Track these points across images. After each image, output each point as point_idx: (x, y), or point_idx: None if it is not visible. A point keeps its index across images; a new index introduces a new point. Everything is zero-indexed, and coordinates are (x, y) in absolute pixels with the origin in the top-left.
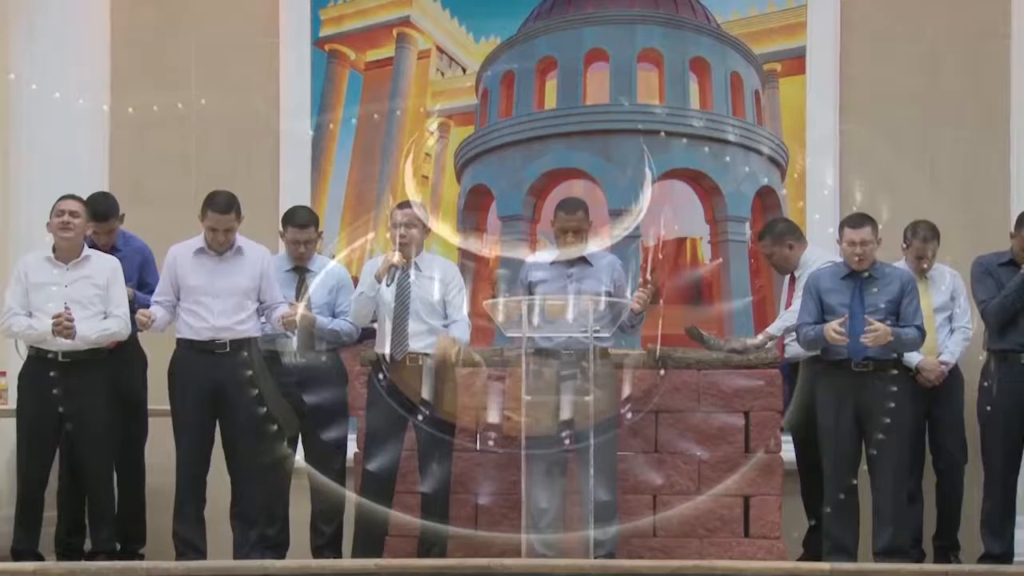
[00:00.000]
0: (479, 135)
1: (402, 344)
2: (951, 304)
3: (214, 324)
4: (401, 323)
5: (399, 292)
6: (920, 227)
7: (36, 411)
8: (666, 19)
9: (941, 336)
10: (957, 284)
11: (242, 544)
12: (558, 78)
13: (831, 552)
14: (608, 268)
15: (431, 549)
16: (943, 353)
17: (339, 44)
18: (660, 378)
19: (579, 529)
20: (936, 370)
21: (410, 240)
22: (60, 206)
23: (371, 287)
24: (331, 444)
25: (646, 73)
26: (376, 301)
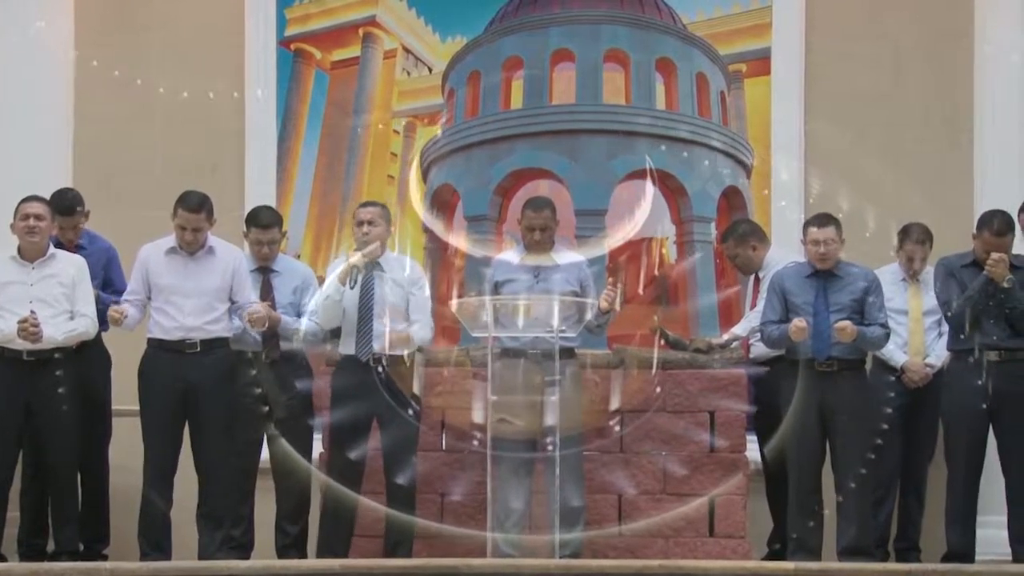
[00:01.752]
0: (445, 135)
1: (365, 345)
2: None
3: (184, 324)
4: (364, 324)
5: (362, 293)
6: (912, 230)
7: (0, 410)
8: (632, 20)
9: (929, 339)
10: None
11: (207, 545)
12: (524, 78)
13: (795, 551)
14: (575, 268)
15: (396, 549)
16: (930, 356)
17: (305, 43)
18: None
19: (545, 529)
20: (921, 372)
21: (372, 238)
22: (25, 209)
23: (336, 291)
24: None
25: (612, 73)
26: (343, 304)
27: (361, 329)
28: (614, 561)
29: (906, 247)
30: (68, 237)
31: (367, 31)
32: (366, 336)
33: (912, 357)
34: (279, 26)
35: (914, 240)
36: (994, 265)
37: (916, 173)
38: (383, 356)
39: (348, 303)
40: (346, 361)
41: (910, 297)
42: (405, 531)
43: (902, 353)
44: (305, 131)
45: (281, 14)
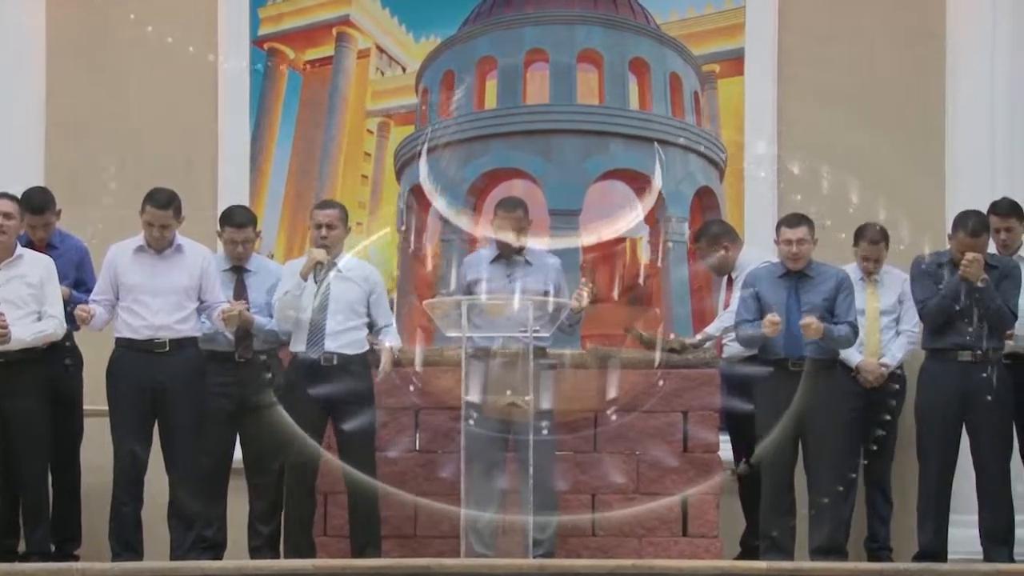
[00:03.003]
0: (419, 134)
1: (318, 343)
2: (898, 307)
3: (153, 323)
4: (319, 322)
5: (318, 292)
6: (868, 230)
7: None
8: (605, 20)
9: (886, 338)
10: (906, 287)
11: (179, 545)
12: (498, 78)
13: (768, 551)
14: (548, 268)
15: (364, 549)
16: (885, 355)
17: (278, 43)
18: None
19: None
20: (875, 371)
21: (332, 241)
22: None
23: (297, 285)
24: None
25: (586, 74)
26: (301, 300)
27: (314, 326)
28: (587, 561)
29: (861, 247)
30: (40, 236)
31: (341, 31)
32: (319, 334)
33: (867, 357)
34: (252, 25)
35: (869, 240)
36: (969, 265)
37: (888, 172)
38: (335, 354)
39: (304, 301)
40: (298, 359)
41: (867, 297)
42: (372, 531)
43: (857, 353)
44: (279, 130)
45: (254, 13)
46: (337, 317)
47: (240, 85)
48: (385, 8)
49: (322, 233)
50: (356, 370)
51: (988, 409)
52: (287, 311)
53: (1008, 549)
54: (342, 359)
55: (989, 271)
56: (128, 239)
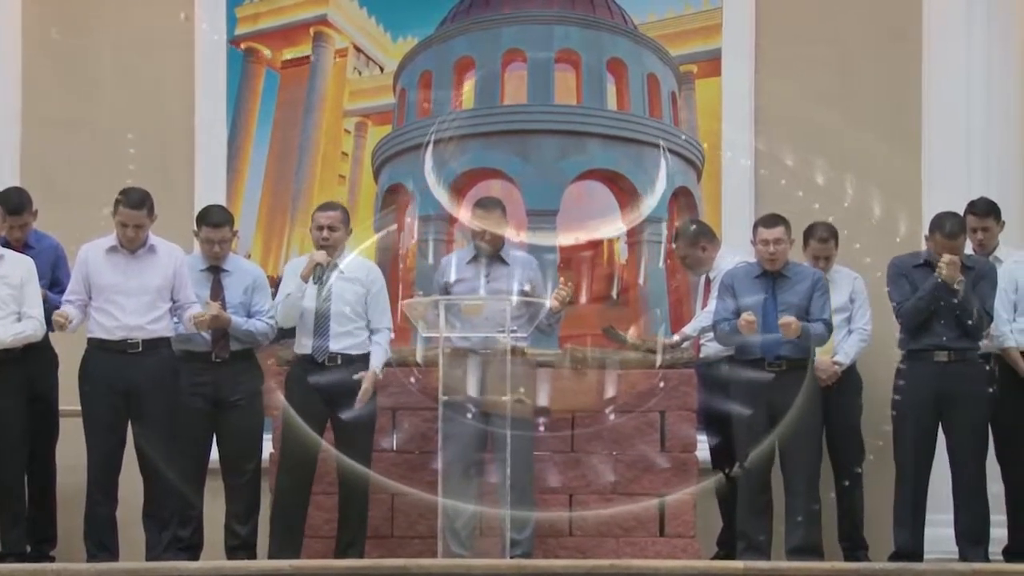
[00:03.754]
0: (397, 134)
1: (323, 346)
2: (850, 306)
3: (126, 323)
4: (323, 325)
5: (321, 294)
6: (817, 228)
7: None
8: (583, 20)
9: (838, 337)
10: (857, 286)
11: (154, 545)
12: (476, 78)
13: (745, 551)
14: (525, 267)
15: (348, 550)
16: (838, 354)
17: (255, 42)
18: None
19: (495, 529)
20: (829, 370)
21: (333, 243)
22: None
23: (298, 288)
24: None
25: (563, 74)
26: (303, 302)
27: (318, 329)
28: (564, 561)
29: (811, 246)
30: (16, 236)
31: (318, 30)
32: (323, 336)
33: (820, 355)
34: (229, 25)
35: (818, 239)
36: (945, 267)
37: (865, 173)
38: (339, 356)
39: (306, 303)
40: (301, 360)
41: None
42: (357, 532)
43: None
44: (255, 130)
45: (231, 13)
46: (340, 318)
47: (217, 84)
48: (362, 8)
49: (323, 235)
50: (360, 369)
51: (964, 409)
52: (290, 313)
53: (983, 549)
54: (346, 359)
55: (965, 272)
56: (100, 239)
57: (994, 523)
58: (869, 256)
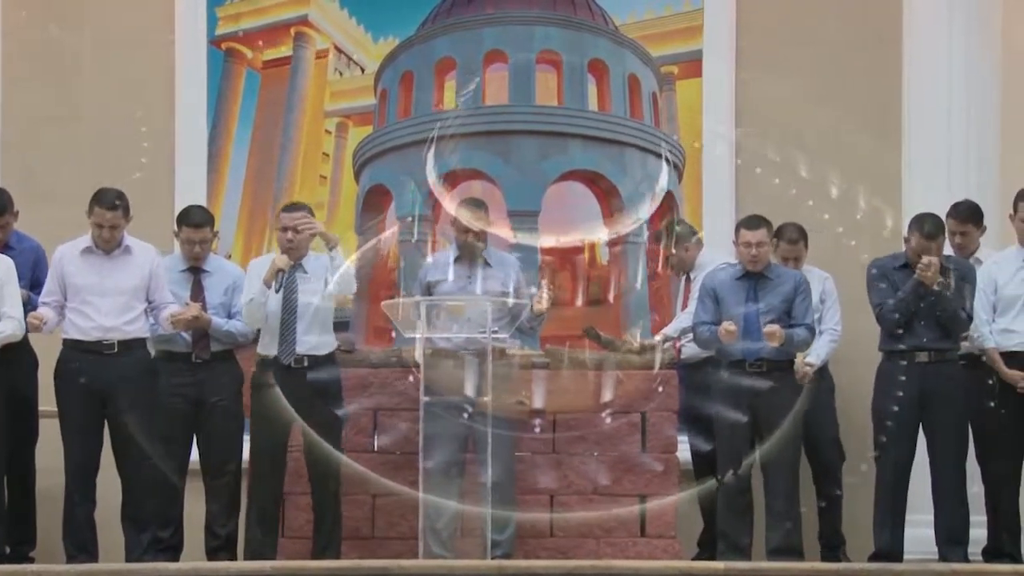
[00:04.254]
0: (378, 135)
1: (290, 348)
2: (820, 306)
3: (102, 324)
4: (289, 327)
5: (286, 295)
6: (786, 229)
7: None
8: (564, 21)
9: None
10: (827, 287)
11: (134, 547)
12: (457, 79)
13: (725, 551)
14: (507, 268)
15: (325, 551)
16: (809, 355)
17: (236, 43)
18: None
19: (476, 530)
20: (802, 370)
21: (298, 244)
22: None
23: (261, 292)
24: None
25: (544, 74)
26: (267, 305)
27: (284, 331)
28: (545, 561)
29: (780, 247)
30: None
31: (299, 31)
32: (290, 338)
33: None
34: (210, 25)
35: (787, 240)
36: (925, 268)
37: (846, 174)
38: (306, 357)
39: (271, 305)
40: (267, 362)
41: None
42: (333, 533)
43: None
44: (236, 130)
45: (212, 13)
46: (305, 320)
47: (197, 85)
48: (343, 9)
49: (288, 236)
50: (327, 370)
51: (944, 410)
52: (254, 317)
53: (963, 549)
54: (312, 361)
55: (944, 273)
56: (75, 239)
57: (974, 523)
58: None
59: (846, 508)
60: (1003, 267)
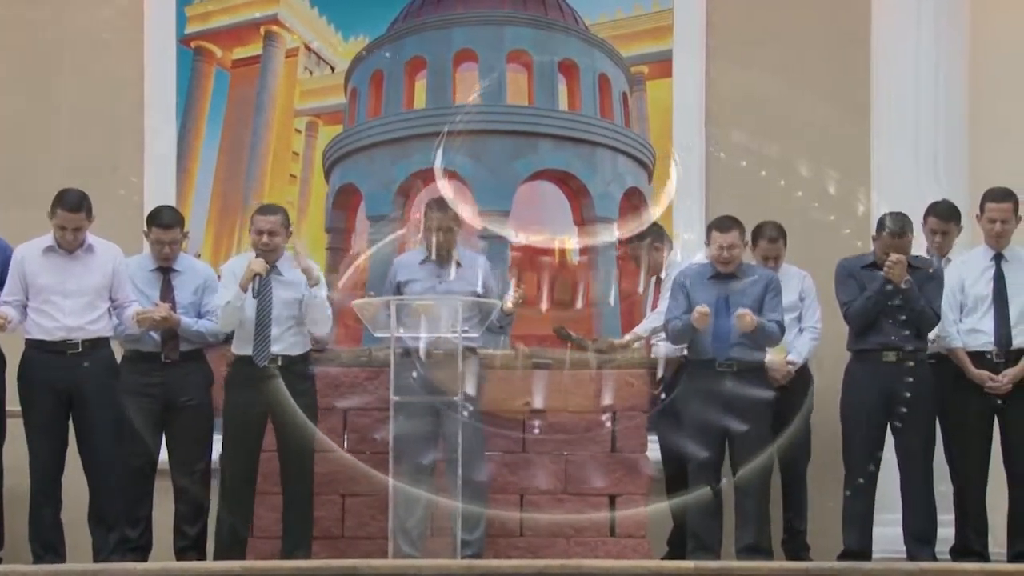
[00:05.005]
0: (348, 134)
1: (264, 349)
2: (800, 304)
3: (66, 324)
4: (263, 328)
5: (261, 297)
6: (766, 228)
7: None
8: (535, 21)
9: (790, 336)
10: (806, 284)
11: (102, 547)
12: (427, 78)
13: (695, 551)
14: (477, 268)
15: (295, 551)
16: (791, 353)
17: (205, 41)
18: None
19: (446, 529)
20: (783, 369)
21: (273, 247)
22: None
23: (237, 296)
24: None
25: (515, 74)
26: (243, 308)
27: (259, 333)
28: (515, 561)
29: (760, 246)
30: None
31: (269, 29)
32: (264, 340)
33: (773, 355)
34: (179, 23)
35: (767, 239)
36: (892, 267)
37: (815, 174)
38: (280, 357)
39: (246, 306)
40: (241, 363)
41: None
42: (304, 533)
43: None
44: (205, 130)
45: (181, 11)
46: (280, 321)
47: (167, 84)
48: (314, 7)
49: (263, 239)
50: (300, 370)
51: (912, 409)
52: (230, 320)
53: (931, 548)
54: (287, 360)
55: (912, 272)
56: (37, 238)
57: (942, 522)
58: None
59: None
60: (970, 267)
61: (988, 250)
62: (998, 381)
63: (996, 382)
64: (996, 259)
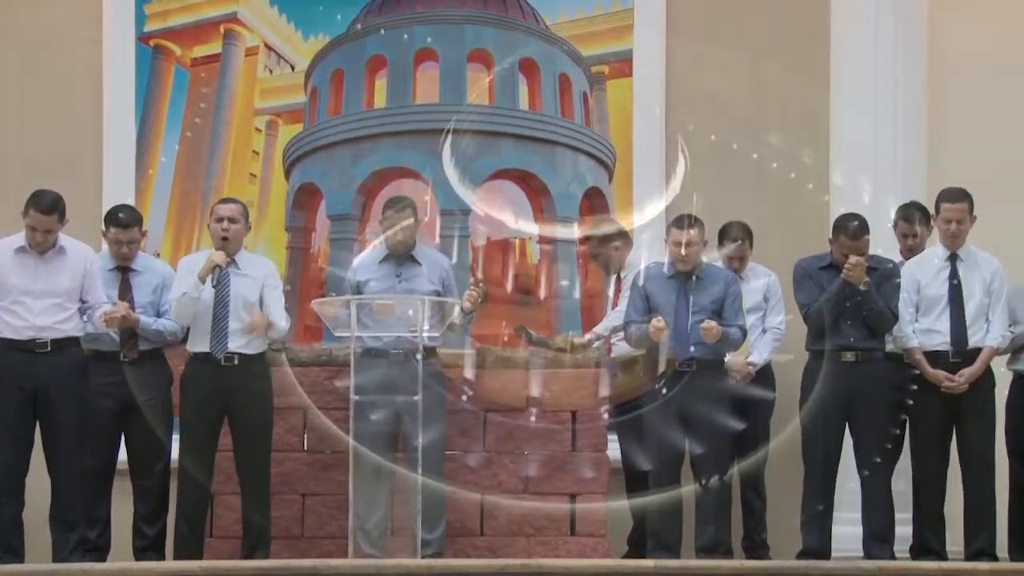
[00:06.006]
0: (308, 133)
1: (221, 343)
2: (764, 305)
3: (35, 323)
4: (221, 322)
5: (218, 291)
6: (732, 228)
7: None
8: (496, 20)
9: (752, 336)
10: (771, 285)
11: (62, 547)
12: (388, 77)
13: (655, 550)
14: (437, 267)
15: (254, 551)
16: (752, 353)
17: (164, 40)
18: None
19: (406, 529)
20: (744, 370)
21: (233, 235)
22: None
23: (195, 287)
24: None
25: (476, 73)
26: (199, 301)
27: (216, 327)
28: (476, 561)
29: (725, 246)
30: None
31: (228, 28)
32: (221, 334)
33: (734, 355)
34: (138, 22)
35: (732, 239)
36: (851, 268)
37: (773, 174)
38: (237, 355)
39: (203, 300)
40: (198, 358)
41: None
42: (263, 533)
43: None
44: (165, 129)
45: (140, 10)
46: (238, 316)
47: (125, 82)
48: (274, 6)
49: (223, 226)
50: (256, 369)
51: (870, 409)
52: (186, 311)
53: (889, 547)
54: (243, 358)
55: (870, 273)
56: (7, 238)
57: (899, 521)
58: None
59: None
60: (925, 267)
61: (943, 250)
62: (955, 381)
63: (953, 382)
64: (951, 259)
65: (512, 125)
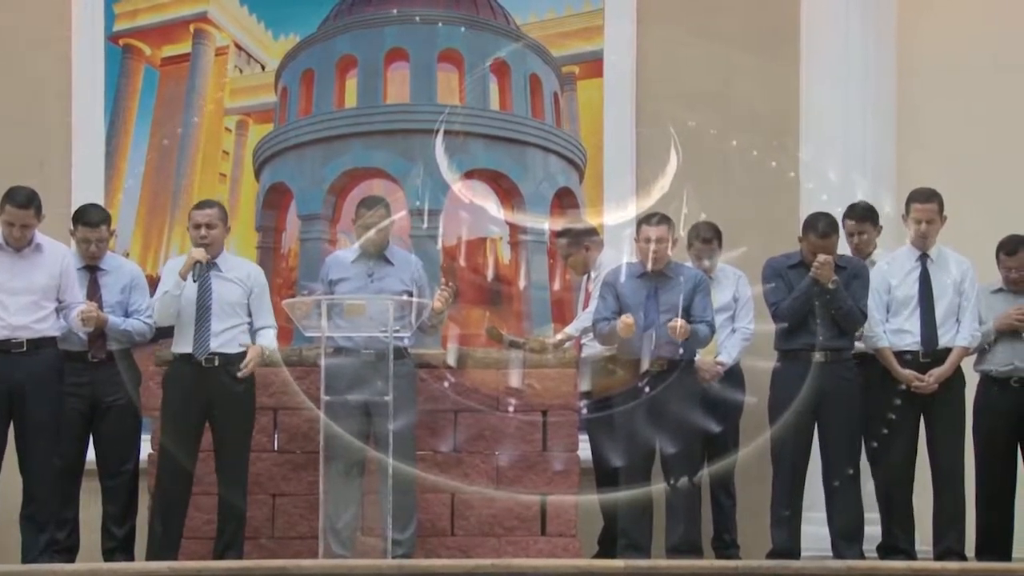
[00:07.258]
0: (278, 133)
1: (203, 344)
2: (733, 304)
3: (11, 323)
4: (203, 323)
5: (200, 292)
6: (701, 228)
7: None
8: (467, 20)
9: (721, 336)
10: (741, 285)
11: (31, 548)
12: (358, 77)
13: (625, 549)
14: (409, 267)
15: (227, 551)
16: (721, 353)
17: (134, 39)
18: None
19: (377, 529)
20: (712, 370)
21: (212, 240)
22: None
23: (176, 285)
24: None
25: (446, 74)
26: (181, 300)
27: (199, 328)
28: (446, 561)
29: (694, 246)
30: None
31: (198, 27)
32: (204, 335)
33: (703, 355)
34: (107, 21)
35: (701, 239)
36: (820, 267)
37: (743, 174)
38: (218, 355)
39: (185, 301)
40: (180, 359)
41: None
42: (236, 533)
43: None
44: (134, 128)
45: (109, 9)
46: (220, 317)
47: (94, 82)
48: (243, 5)
49: (201, 233)
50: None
51: (839, 408)
52: (168, 310)
53: (858, 546)
54: (224, 359)
55: (839, 272)
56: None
57: (868, 520)
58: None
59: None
60: (896, 267)
61: (913, 250)
62: (924, 381)
63: (922, 382)
64: (922, 259)
65: (483, 125)
